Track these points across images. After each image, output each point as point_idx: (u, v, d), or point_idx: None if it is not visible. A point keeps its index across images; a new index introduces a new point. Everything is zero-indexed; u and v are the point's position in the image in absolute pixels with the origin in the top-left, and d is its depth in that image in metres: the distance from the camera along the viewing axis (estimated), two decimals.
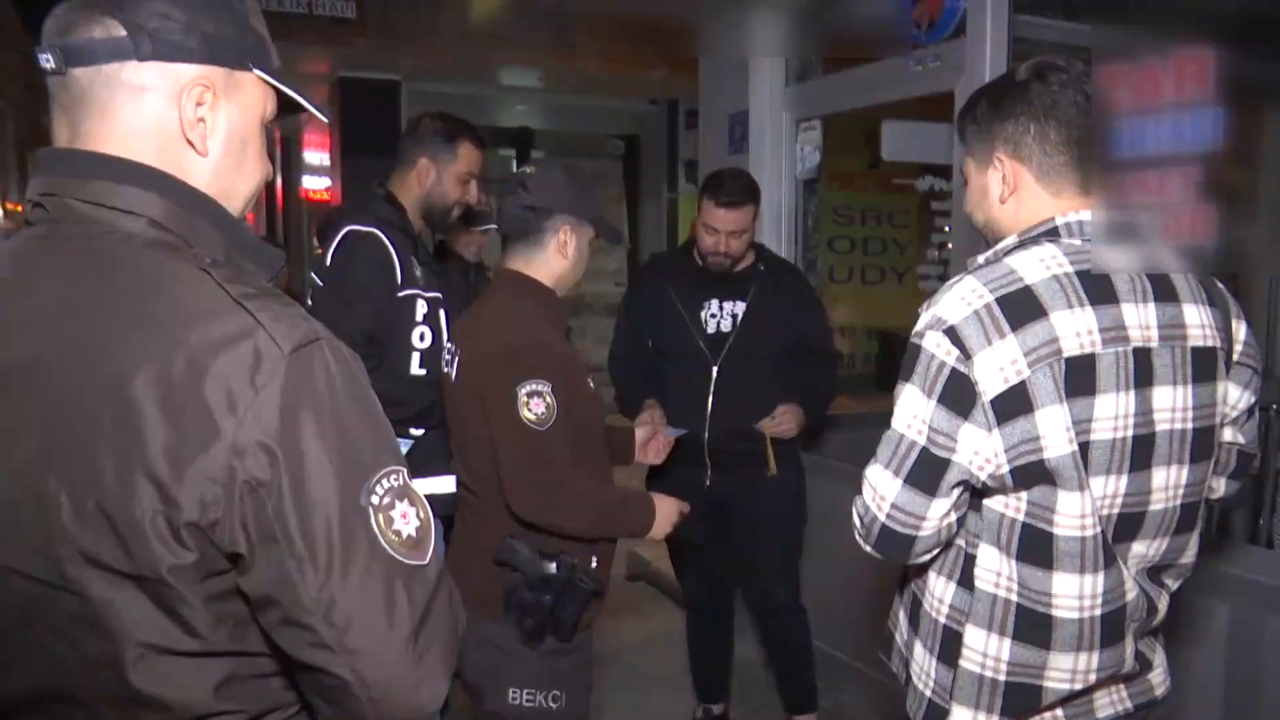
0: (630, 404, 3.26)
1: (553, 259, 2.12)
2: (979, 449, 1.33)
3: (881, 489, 1.38)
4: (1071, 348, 1.32)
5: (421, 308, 2.60)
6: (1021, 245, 1.42)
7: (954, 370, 1.33)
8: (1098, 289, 1.36)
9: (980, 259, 1.46)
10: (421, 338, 2.59)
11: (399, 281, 2.55)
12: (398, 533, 0.94)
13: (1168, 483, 1.41)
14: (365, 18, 6.98)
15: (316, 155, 9.68)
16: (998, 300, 1.34)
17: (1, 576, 0.93)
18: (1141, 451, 1.37)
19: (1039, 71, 1.45)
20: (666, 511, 2.19)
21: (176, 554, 0.89)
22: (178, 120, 0.99)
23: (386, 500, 0.94)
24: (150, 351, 0.89)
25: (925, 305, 1.42)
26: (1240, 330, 1.52)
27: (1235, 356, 1.51)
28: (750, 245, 3.09)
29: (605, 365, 3.42)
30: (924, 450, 1.35)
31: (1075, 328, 1.33)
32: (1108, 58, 2.82)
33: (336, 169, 8.62)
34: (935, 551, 1.44)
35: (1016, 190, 1.46)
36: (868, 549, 1.43)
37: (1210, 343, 1.43)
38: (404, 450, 1.56)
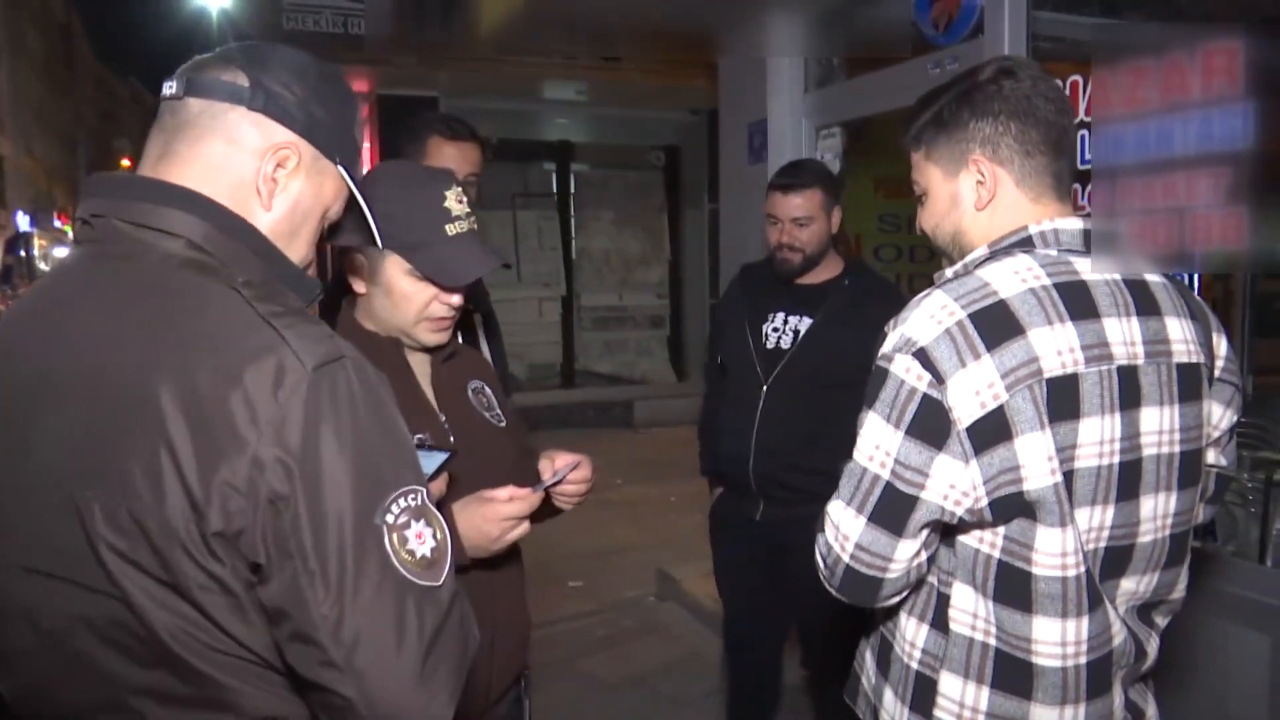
0: (703, 458, 3.02)
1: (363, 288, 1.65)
2: (955, 482, 1.22)
3: (844, 527, 1.28)
4: (1053, 367, 1.21)
5: None
6: (993, 257, 1.31)
7: (925, 396, 1.22)
8: (1078, 303, 1.25)
9: (949, 272, 1.35)
10: None
11: None
12: (411, 553, 0.95)
13: (1156, 512, 1.29)
14: (402, 36, 7.07)
15: None
16: (971, 317, 1.23)
17: (52, 585, 0.95)
18: (1129, 479, 1.26)
19: (1007, 70, 1.34)
20: (470, 522, 1.55)
21: (208, 564, 0.91)
22: (255, 171, 1.06)
23: (402, 519, 0.95)
24: (179, 364, 0.91)
25: (891, 324, 1.31)
26: (1221, 345, 1.40)
27: (1217, 373, 1.39)
28: (826, 246, 2.69)
29: (644, 378, 3.25)
30: (889, 485, 1.24)
31: (1056, 346, 1.21)
32: (1136, 53, 2.66)
33: None
34: (906, 593, 1.33)
35: (995, 195, 1.35)
36: (833, 591, 1.32)
37: (1195, 359, 1.32)
38: (439, 464, 1.43)
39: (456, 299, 1.63)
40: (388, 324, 1.64)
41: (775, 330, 2.72)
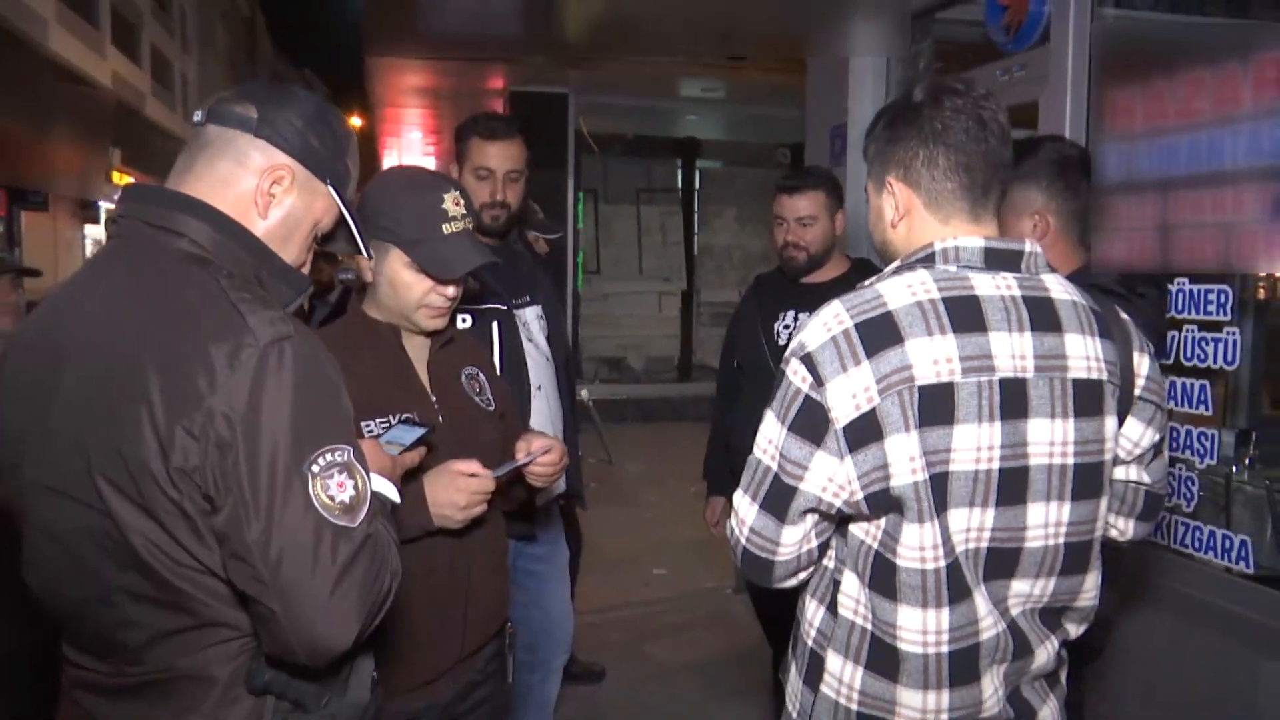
0: (709, 477, 3.18)
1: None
2: (832, 476, 1.33)
3: (741, 513, 1.41)
4: (926, 376, 1.29)
5: (462, 322, 2.52)
6: (898, 270, 1.41)
7: (807, 397, 1.33)
8: (964, 317, 1.32)
9: (865, 284, 1.45)
10: None
11: None
12: (332, 497, 1.18)
13: (1047, 520, 1.35)
14: (533, 34, 7.33)
15: None
16: (857, 326, 1.33)
17: (64, 502, 1.23)
18: (1012, 485, 1.33)
19: (933, 94, 1.41)
20: (445, 493, 1.74)
21: (171, 492, 1.16)
22: (255, 187, 1.32)
23: (327, 471, 1.18)
24: (164, 338, 1.18)
25: (796, 329, 1.42)
26: (1143, 364, 1.44)
27: (1137, 391, 1.43)
28: (830, 246, 2.88)
29: None
30: (775, 476, 1.36)
31: (933, 355, 1.30)
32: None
33: None
34: (803, 575, 1.44)
35: (907, 215, 1.44)
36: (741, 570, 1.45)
37: (1095, 375, 1.37)
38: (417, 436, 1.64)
39: (452, 290, 1.86)
40: (391, 310, 1.87)
41: (786, 327, 2.88)
